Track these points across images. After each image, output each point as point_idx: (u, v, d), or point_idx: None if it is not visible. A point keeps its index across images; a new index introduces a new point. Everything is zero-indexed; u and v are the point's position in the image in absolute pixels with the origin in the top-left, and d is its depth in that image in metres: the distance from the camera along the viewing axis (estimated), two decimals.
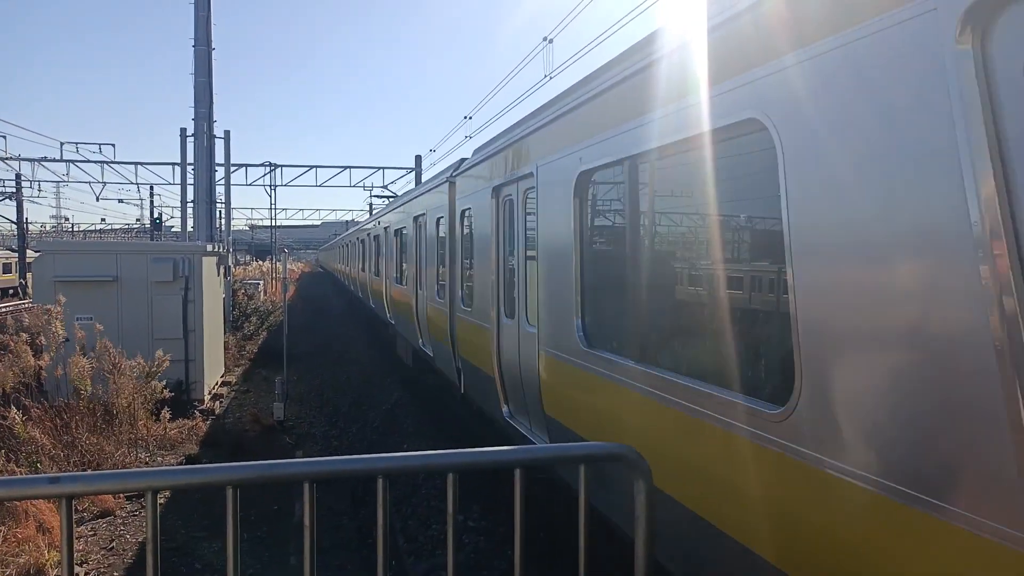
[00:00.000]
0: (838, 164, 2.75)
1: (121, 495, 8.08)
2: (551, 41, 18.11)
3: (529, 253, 6.59)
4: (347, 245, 33.38)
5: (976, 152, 2.20)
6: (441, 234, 10.49)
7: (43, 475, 3.15)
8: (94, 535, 7.54)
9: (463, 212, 9.25)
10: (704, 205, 3.99)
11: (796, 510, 2.95)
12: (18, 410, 8.77)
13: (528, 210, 6.64)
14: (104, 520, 7.88)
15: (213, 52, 19.91)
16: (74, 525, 2.57)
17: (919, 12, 2.33)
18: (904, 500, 2.42)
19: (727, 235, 3.91)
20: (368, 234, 22.39)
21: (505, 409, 7.47)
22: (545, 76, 18.10)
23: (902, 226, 2.46)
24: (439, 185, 10.86)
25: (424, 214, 11.94)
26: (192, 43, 19.91)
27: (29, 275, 33.70)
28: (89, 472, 7.10)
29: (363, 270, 23.62)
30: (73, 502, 2.56)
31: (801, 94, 2.91)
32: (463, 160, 9.72)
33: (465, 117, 29.23)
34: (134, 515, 8.02)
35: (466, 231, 9.08)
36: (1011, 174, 2.14)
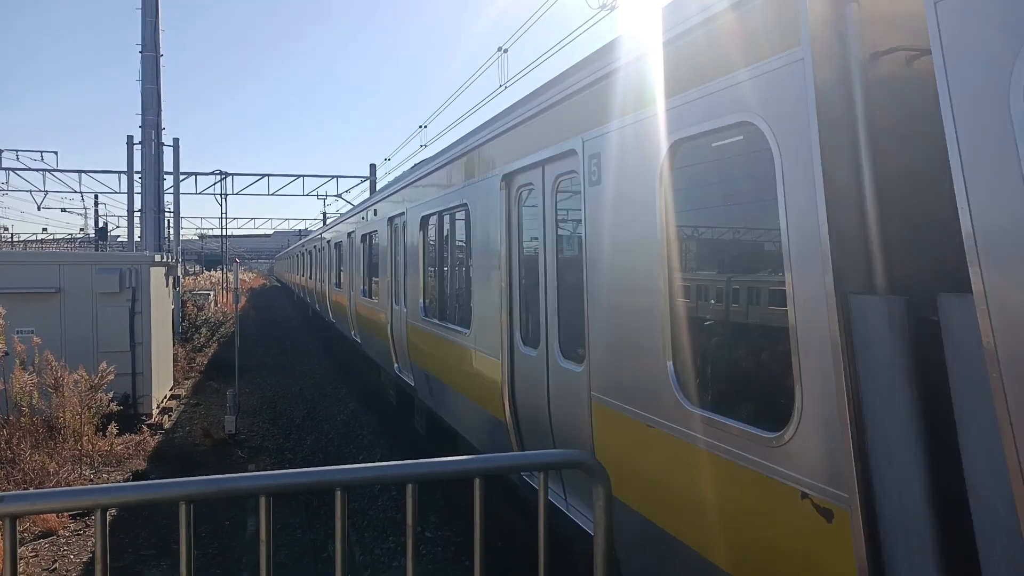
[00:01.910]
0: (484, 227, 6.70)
1: (65, 514, 7.81)
2: (506, 51, 18.21)
3: (405, 261, 10.07)
4: (296, 256, 38.46)
5: (506, 232, 5.98)
6: (364, 247, 14.06)
7: None
8: (36, 556, 7.26)
9: (374, 232, 12.83)
10: (464, 244, 7.46)
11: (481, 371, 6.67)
12: None
13: (404, 236, 10.14)
14: (46, 540, 7.59)
15: (162, 59, 19.50)
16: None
17: (487, 176, 6.35)
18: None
19: (463, 259, 7.46)
20: (314, 246, 26.10)
21: (396, 365, 10.82)
22: (500, 85, 18.19)
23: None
24: (362, 210, 14.51)
25: (354, 231, 15.24)
26: (140, 49, 19.48)
27: None
28: (35, 490, 6.85)
29: (310, 278, 27.38)
30: (17, 522, 2.47)
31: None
32: (380, 191, 13.62)
33: (420, 126, 29.17)
34: (78, 534, 7.75)
35: (378, 246, 12.38)
36: (514, 251, 5.96)
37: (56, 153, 36.49)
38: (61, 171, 36.55)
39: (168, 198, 24.23)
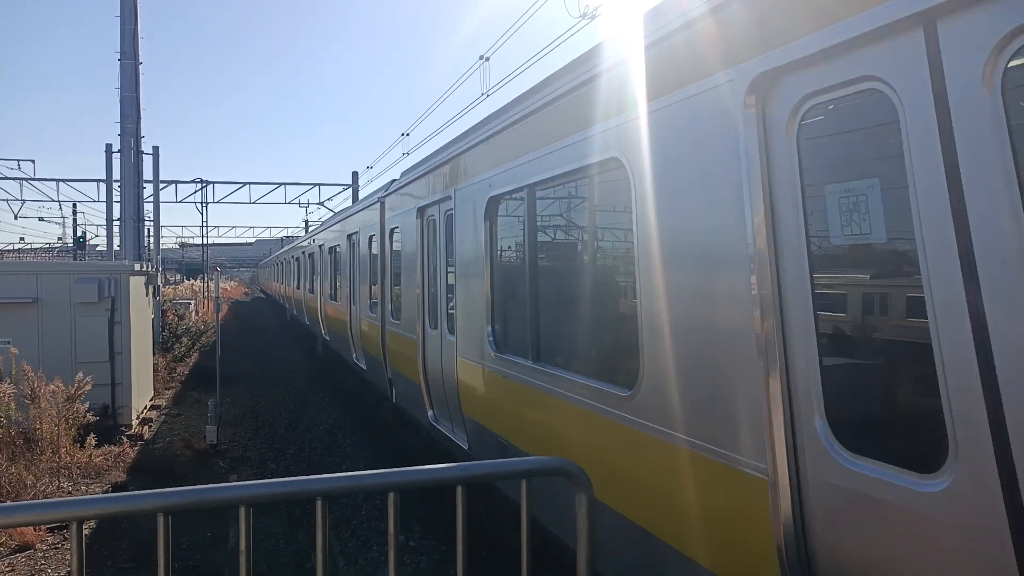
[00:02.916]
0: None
1: (43, 527, 7.69)
2: (487, 59, 18.26)
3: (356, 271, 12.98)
4: (274, 266, 41.05)
5: (420, 249, 8.60)
6: (331, 260, 16.81)
7: None
8: (12, 571, 7.15)
9: (335, 247, 15.80)
10: (397, 256, 9.90)
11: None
12: None
13: (355, 252, 13.11)
14: (23, 555, 7.48)
15: (140, 66, 19.38)
16: None
17: (409, 208, 9.14)
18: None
19: (397, 268, 9.90)
20: (292, 255, 29.10)
21: (354, 354, 13.19)
22: (482, 94, 18.22)
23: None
24: (331, 227, 17.35)
25: (323, 244, 18.04)
26: (118, 57, 19.34)
27: None
28: (9, 503, 6.74)
29: (289, 286, 30.25)
30: None
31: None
32: (335, 214, 16.70)
33: (403, 134, 29.18)
34: (56, 548, 7.64)
35: (339, 259, 15.09)
36: (425, 261, 8.51)
37: (33, 162, 36.24)
38: (39, 180, 36.21)
39: (148, 207, 24.04)
